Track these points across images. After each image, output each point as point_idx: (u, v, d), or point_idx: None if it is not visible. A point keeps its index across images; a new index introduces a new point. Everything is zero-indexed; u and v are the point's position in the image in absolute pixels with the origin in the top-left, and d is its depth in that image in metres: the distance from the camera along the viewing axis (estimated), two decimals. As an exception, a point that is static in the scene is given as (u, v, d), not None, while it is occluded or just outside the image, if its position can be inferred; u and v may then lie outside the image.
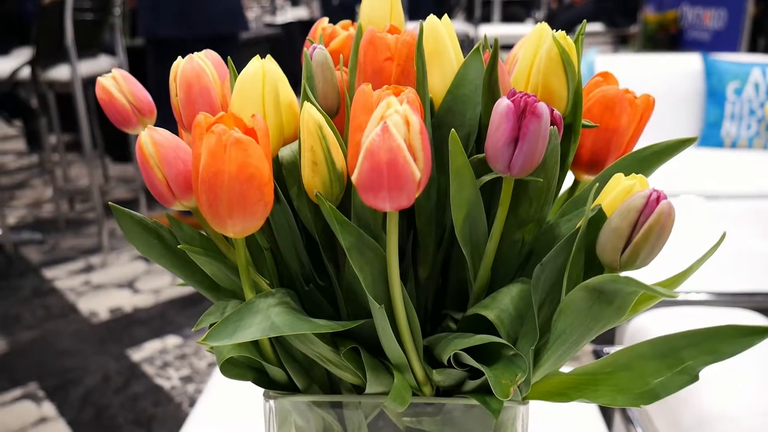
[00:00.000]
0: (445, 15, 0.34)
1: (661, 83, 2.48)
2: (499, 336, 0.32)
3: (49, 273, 2.43)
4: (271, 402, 0.37)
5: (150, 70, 2.58)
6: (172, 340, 1.96)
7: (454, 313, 0.36)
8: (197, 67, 0.32)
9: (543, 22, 0.35)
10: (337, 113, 0.35)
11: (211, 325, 0.33)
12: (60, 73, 2.27)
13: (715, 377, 0.62)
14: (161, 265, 0.35)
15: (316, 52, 0.33)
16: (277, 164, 0.34)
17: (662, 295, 0.25)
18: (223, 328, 0.30)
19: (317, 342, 0.33)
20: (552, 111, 0.30)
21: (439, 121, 0.34)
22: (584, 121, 0.33)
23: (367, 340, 0.34)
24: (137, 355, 1.89)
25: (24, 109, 2.90)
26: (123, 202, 2.59)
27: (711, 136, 2.40)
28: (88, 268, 2.46)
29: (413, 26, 0.35)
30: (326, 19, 0.43)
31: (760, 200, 1.75)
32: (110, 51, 2.64)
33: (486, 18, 4.19)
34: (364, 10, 0.37)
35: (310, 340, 0.33)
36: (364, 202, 0.27)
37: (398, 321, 0.32)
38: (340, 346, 0.34)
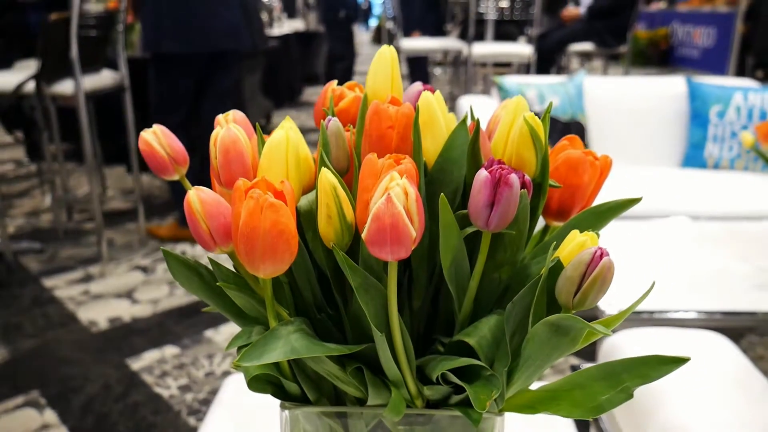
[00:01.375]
0: (438, 92, 0.41)
1: (648, 105, 2.57)
2: (479, 359, 0.39)
3: (48, 282, 2.48)
4: (287, 412, 0.44)
5: (152, 83, 2.65)
6: (170, 350, 2.01)
7: (442, 338, 0.43)
8: (233, 135, 0.39)
9: (519, 96, 0.42)
10: (347, 171, 0.42)
11: (239, 348, 0.40)
12: (64, 87, 2.33)
13: (678, 393, 0.69)
14: (198, 296, 0.42)
15: (330, 123, 0.40)
16: (296, 212, 0.41)
17: (602, 333, 0.32)
18: (252, 351, 0.36)
19: (328, 362, 0.40)
20: (523, 176, 0.37)
21: (431, 178, 0.41)
22: (551, 182, 0.40)
23: (369, 361, 0.41)
24: (136, 364, 1.94)
25: (25, 120, 2.95)
26: (121, 212, 2.65)
27: (694, 156, 2.49)
28: (87, 278, 2.51)
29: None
30: (335, 82, 0.50)
31: (738, 221, 1.83)
32: (112, 65, 2.71)
33: (480, 36, 4.28)
34: (370, 82, 0.44)
35: (322, 360, 0.40)
36: (371, 253, 0.34)
37: (396, 346, 0.39)
38: (346, 365, 0.41)
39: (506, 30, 4.55)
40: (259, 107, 4.93)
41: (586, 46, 4.15)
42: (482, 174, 0.35)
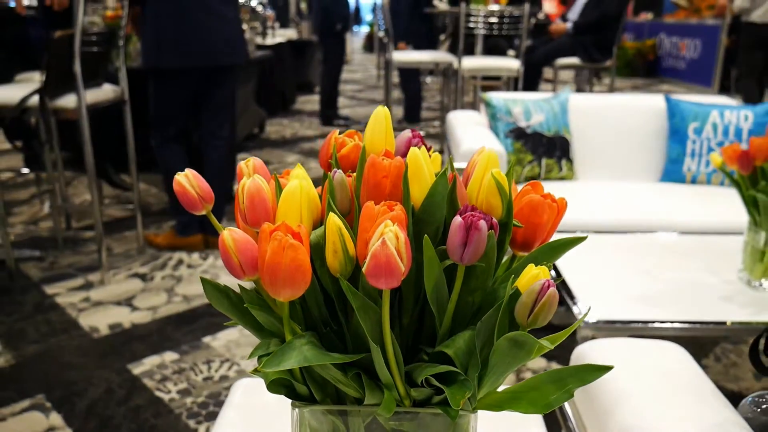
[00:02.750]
0: (423, 148, 0.51)
1: (629, 121, 2.68)
2: (456, 366, 0.48)
3: (49, 289, 2.55)
4: (297, 410, 0.53)
5: (151, 96, 2.73)
6: (169, 356, 2.09)
7: (426, 349, 0.52)
8: (257, 185, 0.48)
9: (490, 151, 0.51)
10: (349, 212, 0.51)
11: (260, 357, 0.49)
12: (67, 101, 2.41)
13: (636, 394, 0.79)
14: (226, 314, 0.51)
15: (336, 175, 0.49)
16: (306, 245, 0.50)
17: (547, 348, 0.41)
18: (273, 359, 0.45)
19: (332, 369, 0.49)
20: (491, 220, 0.46)
21: (418, 218, 0.50)
22: (514, 222, 0.50)
23: (366, 367, 0.50)
24: (137, 369, 2.02)
25: (25, 131, 3.02)
26: (118, 220, 2.73)
27: (673, 171, 2.59)
28: (87, 285, 2.59)
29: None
30: (337, 131, 0.59)
31: (710, 236, 1.93)
32: (112, 78, 2.79)
33: (470, 49, 4.39)
34: (368, 136, 0.53)
35: (327, 367, 0.49)
36: (369, 282, 0.43)
37: (388, 355, 0.48)
38: (347, 371, 0.50)
39: (496, 43, 4.67)
40: (252, 116, 5.02)
41: (573, 60, 4.26)
42: (457, 220, 0.44)
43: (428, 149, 0.57)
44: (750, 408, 0.79)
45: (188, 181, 0.54)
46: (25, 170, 3.70)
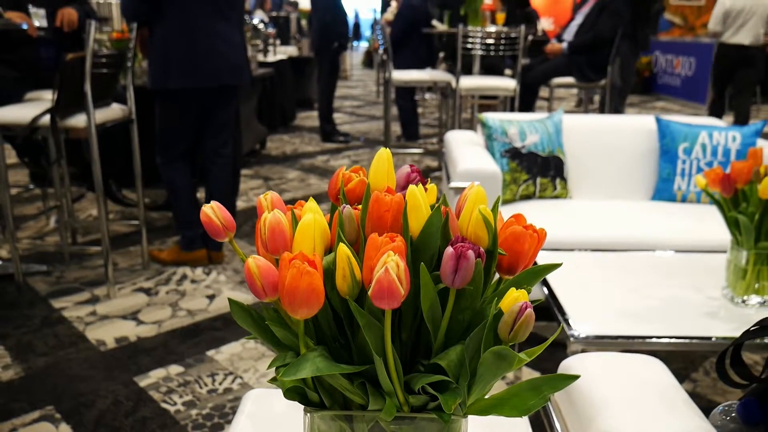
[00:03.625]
0: (420, 185, 0.58)
1: (621, 141, 2.76)
2: (448, 376, 0.55)
3: (56, 303, 2.61)
4: (308, 415, 0.60)
5: (158, 116, 2.81)
6: (174, 369, 2.16)
7: (422, 361, 0.59)
8: (277, 218, 0.55)
9: (478, 187, 0.59)
10: (356, 241, 0.58)
11: (277, 368, 0.56)
12: (77, 120, 2.49)
13: (616, 403, 0.86)
14: (249, 330, 0.58)
15: (345, 210, 0.57)
16: (318, 270, 0.57)
17: (525, 360, 0.48)
18: (290, 369, 0.53)
19: (340, 378, 0.56)
20: (478, 249, 0.54)
21: (416, 247, 0.58)
22: (499, 251, 0.57)
23: (370, 377, 0.57)
24: (144, 381, 2.08)
25: (35, 149, 3.10)
26: (124, 235, 2.81)
27: (664, 190, 2.68)
28: (94, 300, 2.65)
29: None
30: (345, 167, 0.66)
31: (697, 254, 2.01)
32: (119, 98, 2.87)
33: (468, 68, 4.49)
34: (372, 174, 0.61)
35: (336, 376, 0.56)
36: (373, 303, 0.51)
37: (389, 366, 0.55)
38: (354, 380, 0.57)
39: (493, 61, 4.77)
40: (254, 133, 5.11)
41: (568, 79, 4.36)
42: (449, 250, 0.51)
43: (425, 183, 0.65)
44: (720, 417, 0.86)
45: (213, 212, 0.61)
46: (32, 186, 3.77)
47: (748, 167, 1.52)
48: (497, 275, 0.60)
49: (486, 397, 0.57)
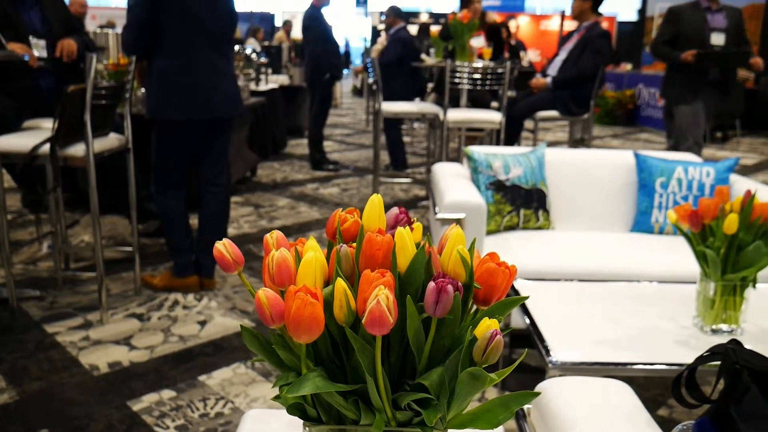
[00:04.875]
0: (407, 227, 0.67)
1: (601, 174, 2.88)
2: (431, 394, 0.63)
3: (50, 328, 2.66)
4: (308, 429, 0.68)
5: (154, 145, 2.90)
6: (167, 393, 2.21)
7: (408, 380, 0.68)
8: (284, 256, 0.64)
9: (458, 229, 0.68)
10: (351, 275, 0.67)
11: (281, 387, 0.64)
12: (75, 149, 2.57)
13: (586, 422, 0.94)
14: (257, 353, 0.66)
15: (342, 249, 0.65)
16: (317, 300, 0.66)
17: (495, 380, 0.57)
18: (293, 387, 0.61)
19: (336, 395, 0.64)
20: (457, 284, 0.62)
21: (403, 281, 0.66)
22: (475, 284, 0.66)
23: (362, 395, 0.65)
24: (136, 406, 2.13)
25: (31, 176, 3.17)
26: (117, 261, 2.87)
27: (643, 222, 2.79)
28: (87, 325, 2.70)
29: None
30: (340, 210, 0.75)
31: (671, 284, 2.10)
32: (118, 127, 2.95)
33: (455, 101, 4.62)
34: (365, 217, 0.70)
35: (332, 394, 0.64)
36: (366, 330, 0.59)
37: (379, 385, 0.63)
38: (348, 397, 0.65)
39: (479, 95, 4.91)
40: (246, 161, 5.20)
41: (553, 113, 4.50)
42: (431, 284, 0.60)
43: (411, 224, 0.74)
44: (679, 436, 0.94)
45: (225, 248, 0.70)
46: (25, 211, 3.83)
47: (714, 204, 1.62)
48: (473, 306, 0.69)
49: (463, 412, 0.65)
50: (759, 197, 1.65)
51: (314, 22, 5.71)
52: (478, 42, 5.34)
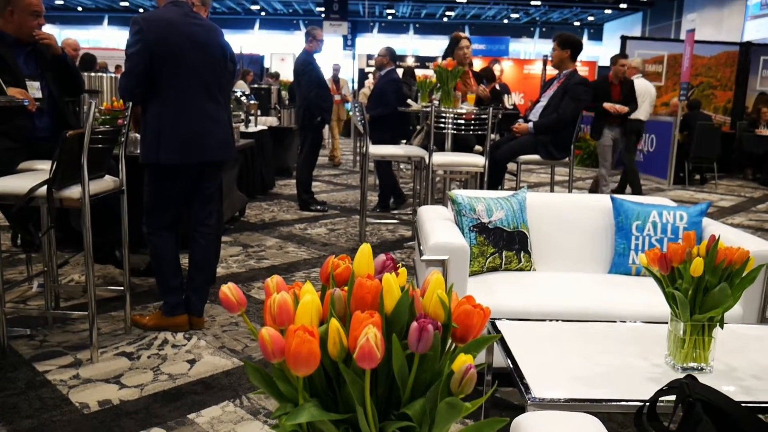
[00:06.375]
0: (393, 273, 0.76)
1: (580, 218, 2.99)
2: (413, 422, 0.72)
3: (40, 367, 2.69)
4: (303, 455, 0.75)
5: (147, 187, 2.98)
6: (156, 431, 2.24)
7: (394, 410, 0.76)
8: (284, 298, 0.72)
9: (438, 275, 0.77)
10: (343, 315, 0.75)
11: (280, 416, 0.72)
12: (72, 192, 2.64)
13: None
14: (259, 385, 0.73)
15: (336, 293, 0.74)
16: (313, 338, 0.74)
17: (470, 409, 0.65)
18: (291, 416, 0.68)
19: (329, 424, 0.72)
20: (437, 324, 0.71)
21: (389, 321, 0.75)
22: (453, 324, 0.75)
23: (352, 423, 0.73)
24: (127, 443, 2.16)
25: (25, 217, 3.22)
26: (109, 300, 2.92)
27: (620, 264, 2.89)
28: (77, 363, 2.73)
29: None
30: (333, 256, 0.84)
31: (645, 324, 2.20)
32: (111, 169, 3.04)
33: (441, 144, 4.76)
34: (356, 265, 0.79)
35: (326, 422, 0.72)
36: (357, 364, 0.67)
37: (368, 415, 0.71)
38: (340, 426, 0.73)
39: (464, 138, 5.05)
40: (235, 201, 5.29)
41: (535, 156, 4.65)
42: (414, 324, 0.69)
43: (396, 270, 0.83)
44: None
45: (230, 291, 0.78)
46: (15, 249, 3.87)
47: (681, 249, 1.73)
48: (452, 343, 0.77)
49: (443, 439, 0.73)
50: (729, 240, 1.76)
51: (307, 67, 5.88)
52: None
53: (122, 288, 3.09)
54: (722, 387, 1.62)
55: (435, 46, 27.19)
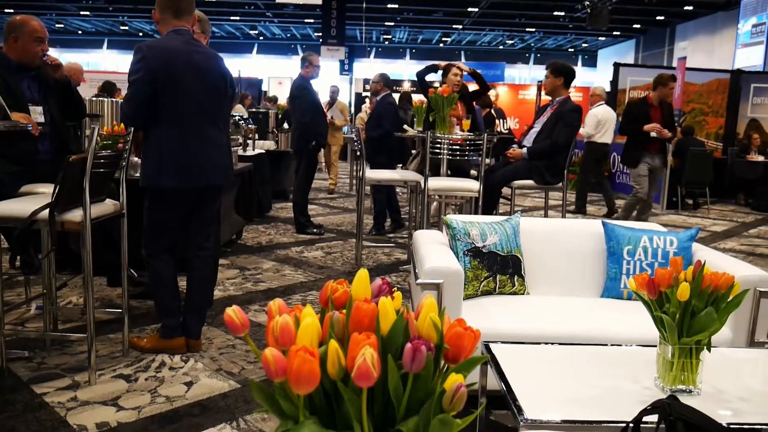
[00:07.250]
0: (389, 297, 0.81)
1: (572, 242, 3.05)
2: (407, 439, 0.76)
3: (38, 389, 2.71)
4: (302, 470, 0.79)
5: (147, 211, 3.03)
6: (154, 453, 2.26)
7: (389, 427, 0.80)
8: (286, 321, 0.77)
9: (431, 299, 0.82)
10: (342, 336, 0.80)
11: None
12: (73, 215, 2.69)
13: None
14: (262, 403, 0.78)
15: (334, 316, 0.79)
16: (313, 359, 0.79)
17: (461, 426, 0.70)
18: (293, 431, 0.73)
19: (328, 440, 0.76)
20: (429, 345, 0.76)
21: (385, 342, 0.80)
22: (445, 346, 0.79)
23: (350, 440, 0.77)
24: (124, 465, 2.18)
25: (25, 239, 3.26)
26: (107, 322, 2.95)
27: (612, 288, 2.94)
28: (75, 386, 2.75)
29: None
30: (332, 280, 0.89)
31: (636, 347, 2.24)
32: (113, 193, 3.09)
33: (436, 170, 4.83)
34: (354, 289, 0.84)
35: (325, 439, 0.76)
36: (354, 383, 0.72)
37: (365, 431, 0.76)
38: (338, 442, 0.77)
39: (459, 162, 5.13)
40: (233, 224, 5.33)
41: (528, 182, 4.72)
42: (408, 345, 0.74)
43: (392, 294, 0.88)
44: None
45: (235, 314, 0.83)
46: (13, 271, 3.89)
47: (669, 274, 1.78)
48: (444, 363, 0.82)
49: (435, 455, 0.78)
50: (718, 266, 1.81)
51: (303, 92, 5.97)
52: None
53: (120, 310, 3.12)
54: (709, 409, 1.67)
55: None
